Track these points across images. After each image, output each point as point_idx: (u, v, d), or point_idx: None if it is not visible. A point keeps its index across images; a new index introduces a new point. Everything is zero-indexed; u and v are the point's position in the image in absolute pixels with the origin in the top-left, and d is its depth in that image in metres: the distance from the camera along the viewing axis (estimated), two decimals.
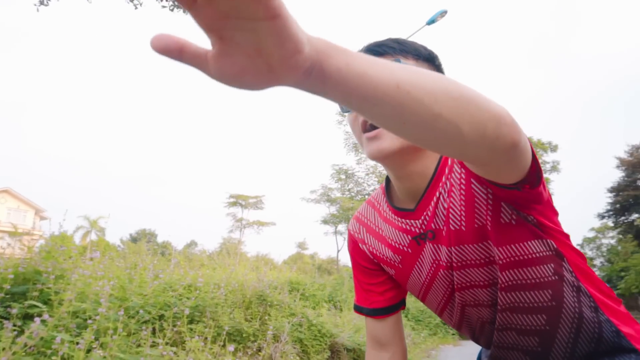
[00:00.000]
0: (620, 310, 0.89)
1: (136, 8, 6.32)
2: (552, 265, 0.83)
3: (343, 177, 19.10)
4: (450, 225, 0.83)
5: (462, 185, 0.81)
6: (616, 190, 29.45)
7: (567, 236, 0.85)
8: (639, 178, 29.01)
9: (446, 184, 0.84)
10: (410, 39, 0.88)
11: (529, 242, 0.81)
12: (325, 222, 20.84)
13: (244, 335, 3.99)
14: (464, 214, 0.81)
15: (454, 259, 0.84)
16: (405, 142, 0.79)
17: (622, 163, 29.55)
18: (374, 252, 0.98)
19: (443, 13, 11.93)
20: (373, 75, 0.40)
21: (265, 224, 30.80)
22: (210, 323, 3.83)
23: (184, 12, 6.44)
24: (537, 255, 0.82)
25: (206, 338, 3.30)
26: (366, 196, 18.98)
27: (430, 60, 0.86)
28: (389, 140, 0.79)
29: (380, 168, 18.61)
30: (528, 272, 0.82)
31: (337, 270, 26.83)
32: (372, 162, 18.64)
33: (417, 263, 0.91)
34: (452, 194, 0.82)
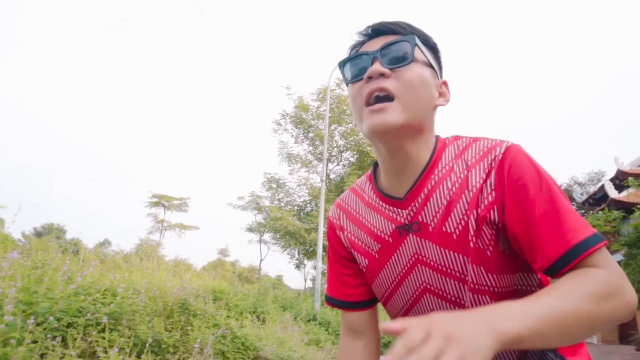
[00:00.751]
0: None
1: None
2: None
3: (274, 186, 18.91)
4: (444, 227, 0.80)
5: (484, 200, 0.78)
6: None
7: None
8: None
9: (456, 180, 0.81)
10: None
11: (519, 274, 0.81)
12: (250, 230, 20.45)
13: (162, 346, 3.72)
14: (464, 220, 0.79)
15: (435, 259, 0.82)
16: (409, 119, 0.79)
17: None
18: (352, 239, 0.96)
19: None
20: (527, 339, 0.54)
21: (188, 227, 29.61)
22: (126, 332, 3.53)
23: None
24: (525, 287, 0.82)
25: (123, 349, 3.03)
26: (296, 207, 18.95)
27: (434, 51, 0.87)
28: (394, 114, 0.77)
29: (313, 180, 18.72)
30: None
31: (257, 279, 26.40)
32: (304, 174, 18.95)
33: (395, 254, 0.88)
34: (463, 199, 0.79)
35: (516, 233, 0.73)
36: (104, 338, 3.18)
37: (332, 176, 19.10)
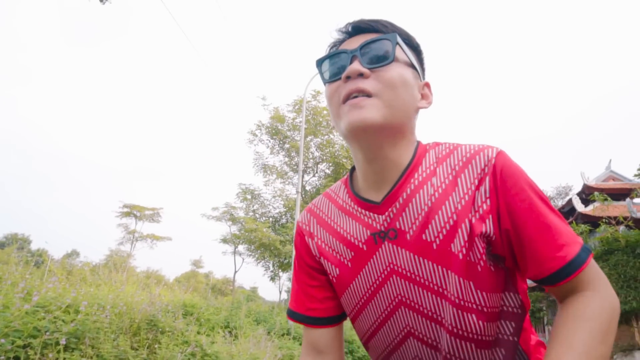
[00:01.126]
0: None
1: None
2: (513, 323, 0.78)
3: (249, 197, 18.69)
4: (423, 235, 0.75)
5: (478, 209, 0.74)
6: None
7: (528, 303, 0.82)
8: None
9: (439, 185, 0.77)
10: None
11: (504, 294, 0.77)
12: (224, 241, 20.10)
13: None
14: (446, 228, 0.74)
15: (412, 269, 0.77)
16: (389, 118, 0.74)
17: None
18: (322, 246, 0.88)
19: None
20: None
21: (161, 238, 28.94)
22: (88, 352, 3.35)
23: (101, 1, 5.93)
24: (508, 309, 0.78)
25: None
26: (271, 219, 18.78)
27: (417, 51, 0.84)
28: (374, 111, 0.73)
29: (288, 192, 18.62)
30: (499, 326, 0.77)
31: (232, 291, 25.96)
32: (279, 186, 18.85)
33: (369, 263, 0.81)
34: (447, 205, 0.75)
35: (510, 242, 0.73)
36: (64, 359, 3.01)
37: (307, 187, 19.03)
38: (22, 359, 2.62)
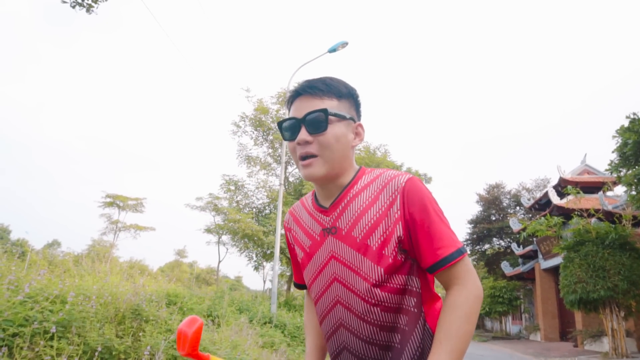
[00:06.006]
0: None
1: None
2: (415, 299, 1.07)
3: (232, 188, 18.80)
4: (353, 232, 1.07)
5: (391, 217, 1.04)
6: (474, 222, 33.27)
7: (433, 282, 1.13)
8: (493, 213, 33.31)
9: (368, 197, 1.09)
10: (335, 78, 1.13)
11: (408, 276, 1.07)
12: (208, 231, 20.21)
13: (113, 353, 3.74)
14: (366, 229, 1.06)
15: (344, 255, 1.09)
16: (329, 170, 1.08)
17: (481, 199, 33.68)
18: (295, 236, 1.26)
19: (344, 44, 12.73)
20: None
21: (144, 228, 28.86)
22: (75, 340, 3.53)
23: (87, 11, 5.92)
24: (411, 288, 1.07)
25: (72, 357, 3.05)
26: (254, 209, 18.96)
27: (350, 96, 1.14)
28: (317, 168, 1.08)
29: (272, 183, 18.83)
30: (395, 298, 1.06)
31: (216, 281, 26.09)
32: (263, 177, 19.03)
33: (319, 250, 1.15)
34: (370, 213, 1.07)
35: (410, 241, 1.04)
36: (52, 347, 3.18)
37: (291, 179, 19.22)
38: (14, 347, 2.79)
